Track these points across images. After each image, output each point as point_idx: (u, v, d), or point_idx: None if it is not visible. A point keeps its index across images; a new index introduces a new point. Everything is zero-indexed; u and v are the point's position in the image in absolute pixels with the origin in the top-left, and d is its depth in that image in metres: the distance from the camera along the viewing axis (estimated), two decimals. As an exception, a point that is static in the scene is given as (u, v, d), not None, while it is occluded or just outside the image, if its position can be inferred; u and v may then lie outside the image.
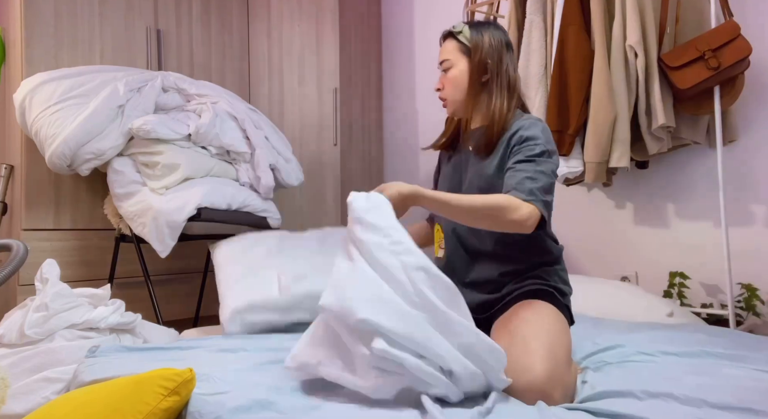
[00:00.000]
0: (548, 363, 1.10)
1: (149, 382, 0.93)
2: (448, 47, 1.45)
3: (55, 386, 1.32)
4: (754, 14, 2.20)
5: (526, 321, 1.23)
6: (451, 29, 1.45)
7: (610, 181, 2.34)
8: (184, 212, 2.10)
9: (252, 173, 2.43)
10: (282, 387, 1.03)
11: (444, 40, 1.47)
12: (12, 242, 1.30)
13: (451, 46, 1.44)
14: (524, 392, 1.07)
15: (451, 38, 1.45)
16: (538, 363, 1.10)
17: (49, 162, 2.09)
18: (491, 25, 1.45)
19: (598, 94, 2.10)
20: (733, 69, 1.99)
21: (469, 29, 1.42)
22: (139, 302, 2.49)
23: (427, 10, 3.31)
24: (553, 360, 1.12)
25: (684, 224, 2.38)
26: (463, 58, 1.42)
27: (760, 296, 2.10)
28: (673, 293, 2.24)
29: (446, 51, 1.45)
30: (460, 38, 1.42)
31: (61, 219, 2.35)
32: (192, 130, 2.23)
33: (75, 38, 2.41)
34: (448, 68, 1.44)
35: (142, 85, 2.27)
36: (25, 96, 2.10)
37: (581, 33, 2.17)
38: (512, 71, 1.43)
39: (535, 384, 1.07)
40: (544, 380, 1.08)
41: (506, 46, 1.43)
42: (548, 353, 1.13)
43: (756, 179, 2.21)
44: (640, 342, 1.44)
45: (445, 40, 1.47)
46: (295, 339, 1.57)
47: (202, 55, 2.88)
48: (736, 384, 1.09)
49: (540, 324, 1.22)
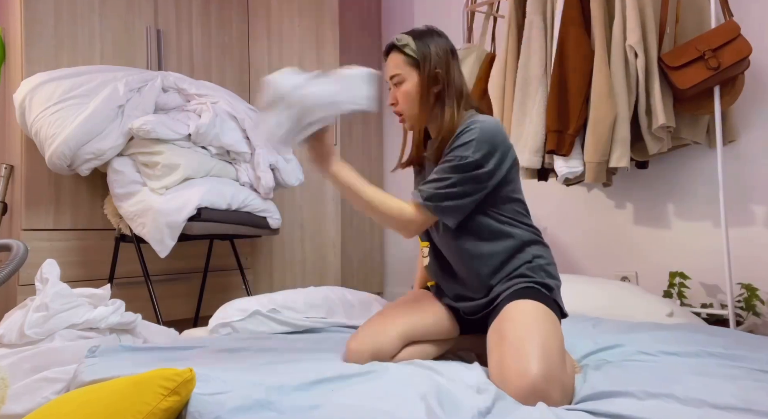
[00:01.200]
0: (543, 364, 1.11)
1: (149, 382, 0.93)
2: (396, 61, 1.40)
3: (55, 386, 1.32)
4: (754, 14, 2.20)
5: (516, 323, 1.23)
6: (395, 42, 1.41)
7: (610, 181, 2.34)
8: (184, 212, 2.10)
9: (252, 173, 2.43)
10: (282, 387, 1.02)
11: (388, 54, 1.42)
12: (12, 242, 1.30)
13: (399, 59, 1.40)
14: (524, 396, 1.08)
15: (397, 52, 1.40)
16: (534, 365, 1.11)
17: (49, 162, 2.09)
18: (434, 34, 1.42)
19: (598, 94, 2.10)
20: (733, 69, 1.99)
21: (414, 41, 1.39)
22: (139, 302, 2.50)
23: (427, 10, 3.31)
24: (547, 360, 1.12)
25: (684, 224, 2.38)
26: (413, 70, 1.39)
27: (760, 296, 2.10)
28: (673, 293, 2.24)
29: (395, 65, 1.40)
30: (406, 51, 1.39)
31: (61, 219, 2.35)
32: (192, 130, 2.24)
33: (75, 38, 2.41)
34: (399, 83, 1.40)
35: (142, 85, 2.27)
36: (25, 96, 2.10)
37: (581, 33, 2.17)
38: (459, 77, 1.41)
39: (533, 386, 1.08)
40: (542, 382, 1.08)
41: (451, 53, 1.41)
42: (542, 353, 1.13)
43: (756, 179, 2.21)
44: (641, 341, 1.44)
45: (389, 54, 1.42)
46: (295, 339, 1.58)
47: (202, 55, 2.88)
48: (736, 384, 1.09)
49: (530, 324, 1.22)
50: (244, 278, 2.62)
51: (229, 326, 1.68)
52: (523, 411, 0.99)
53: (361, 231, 3.22)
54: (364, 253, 3.23)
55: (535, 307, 1.28)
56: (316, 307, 1.80)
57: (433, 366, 1.20)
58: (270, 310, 1.70)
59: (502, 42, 2.42)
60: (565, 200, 2.67)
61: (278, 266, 3.06)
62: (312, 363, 1.26)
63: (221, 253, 2.87)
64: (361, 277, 3.20)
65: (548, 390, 1.08)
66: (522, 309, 1.27)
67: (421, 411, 0.94)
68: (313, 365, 1.24)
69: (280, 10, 3.10)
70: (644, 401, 1.02)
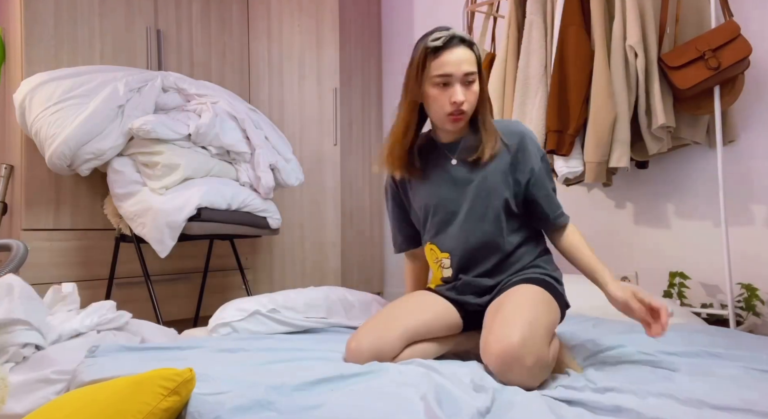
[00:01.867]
0: (524, 331, 1.17)
1: (149, 382, 0.93)
2: (470, 59, 1.34)
3: (55, 386, 1.32)
4: (754, 14, 2.20)
5: (513, 300, 1.29)
6: (467, 38, 1.34)
7: (610, 181, 2.34)
8: (184, 212, 2.10)
9: (252, 173, 2.43)
10: (282, 387, 1.03)
11: (458, 48, 1.33)
12: (12, 242, 1.30)
13: (472, 58, 1.34)
14: (498, 357, 1.15)
15: (468, 49, 1.34)
16: (516, 331, 1.17)
17: (49, 162, 2.09)
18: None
19: (598, 94, 2.10)
20: (733, 69, 1.99)
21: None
22: (139, 302, 2.50)
23: (427, 10, 3.31)
24: (529, 330, 1.18)
25: (684, 224, 2.38)
26: (477, 71, 1.37)
27: (760, 296, 2.10)
28: (673, 293, 2.24)
29: (469, 64, 1.33)
30: (475, 50, 1.36)
31: (61, 219, 2.35)
32: (192, 130, 2.24)
33: (75, 38, 2.41)
34: (472, 82, 1.35)
35: (142, 85, 2.27)
36: (25, 96, 2.10)
37: (581, 33, 2.17)
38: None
39: (508, 349, 1.14)
40: (517, 346, 1.14)
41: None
42: (526, 324, 1.19)
43: (756, 179, 2.21)
44: (641, 341, 1.44)
45: (461, 49, 1.33)
46: (295, 339, 1.58)
47: (202, 55, 2.88)
48: (736, 384, 1.09)
49: (525, 301, 1.28)
50: (244, 278, 2.62)
51: (228, 326, 1.68)
52: (522, 409, 0.99)
53: (361, 231, 3.22)
54: (364, 253, 3.23)
55: (536, 291, 1.33)
56: (316, 307, 1.80)
57: (432, 365, 1.20)
58: (270, 310, 1.70)
59: (502, 42, 2.42)
60: (565, 200, 2.67)
61: (278, 266, 3.06)
62: (312, 363, 1.26)
63: (221, 253, 2.87)
64: (361, 277, 3.20)
65: (523, 355, 1.14)
66: (523, 291, 1.32)
67: (420, 411, 0.94)
68: (312, 365, 1.24)
69: (280, 10, 3.10)
70: (645, 399, 1.02)
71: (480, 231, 1.41)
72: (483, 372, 1.21)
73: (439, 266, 1.49)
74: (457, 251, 1.44)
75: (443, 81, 1.33)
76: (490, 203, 1.40)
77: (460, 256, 1.44)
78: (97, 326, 1.55)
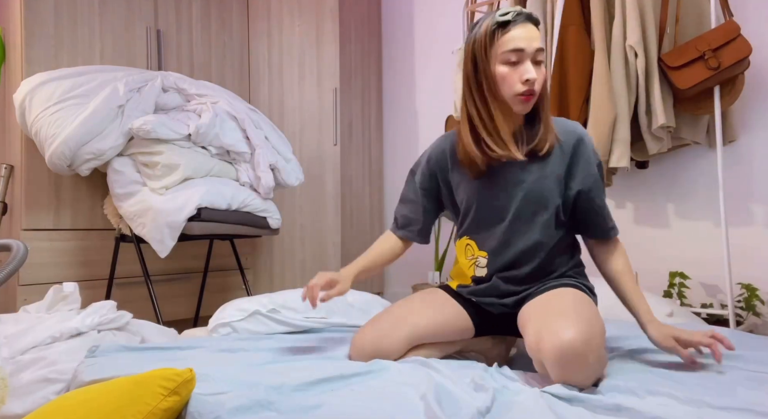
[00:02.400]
0: (584, 327, 1.07)
1: (149, 382, 0.93)
2: (539, 36, 1.24)
3: (55, 386, 1.32)
4: (754, 14, 2.20)
5: (563, 299, 1.20)
6: (536, 17, 1.25)
7: (610, 181, 2.34)
8: (184, 213, 2.10)
9: (252, 173, 2.43)
10: (282, 387, 1.03)
11: (528, 24, 1.23)
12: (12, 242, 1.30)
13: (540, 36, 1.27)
14: (559, 355, 1.05)
15: (536, 28, 1.25)
16: (573, 327, 1.07)
17: (49, 162, 2.09)
18: None
19: (598, 94, 2.11)
20: (733, 69, 1.99)
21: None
22: (139, 302, 2.50)
23: (427, 10, 3.31)
24: (589, 327, 1.08)
25: (684, 224, 2.38)
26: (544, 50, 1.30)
27: (760, 296, 2.10)
28: (673, 293, 2.24)
29: (539, 40, 1.24)
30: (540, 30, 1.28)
31: (61, 219, 2.35)
32: (192, 130, 2.24)
33: (75, 38, 2.41)
34: (541, 61, 1.25)
35: (142, 85, 2.27)
36: (25, 96, 2.10)
37: (581, 33, 2.17)
38: None
39: (570, 345, 1.04)
40: (581, 343, 1.04)
41: None
42: (585, 320, 1.10)
43: (756, 179, 2.21)
44: (641, 341, 1.44)
45: (530, 25, 1.23)
46: (295, 339, 1.58)
47: (202, 55, 2.88)
48: (736, 384, 1.09)
49: (578, 300, 1.20)
50: (244, 278, 2.62)
51: (228, 326, 1.68)
52: (522, 408, 0.99)
53: (361, 231, 3.22)
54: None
55: (583, 295, 1.26)
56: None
57: (432, 364, 1.20)
58: (270, 310, 1.70)
59: (502, 42, 2.41)
60: (565, 200, 2.67)
61: (278, 266, 3.06)
62: (312, 363, 1.26)
63: (221, 253, 2.87)
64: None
65: (586, 353, 1.04)
66: (573, 293, 1.25)
67: (420, 410, 0.94)
68: (312, 365, 1.24)
69: (280, 10, 3.10)
70: (644, 399, 1.02)
71: (525, 236, 1.32)
72: (483, 371, 1.21)
73: (474, 263, 1.40)
74: (497, 252, 1.35)
75: (514, 58, 1.22)
76: (539, 209, 1.31)
77: (499, 258, 1.35)
78: (97, 326, 1.55)
